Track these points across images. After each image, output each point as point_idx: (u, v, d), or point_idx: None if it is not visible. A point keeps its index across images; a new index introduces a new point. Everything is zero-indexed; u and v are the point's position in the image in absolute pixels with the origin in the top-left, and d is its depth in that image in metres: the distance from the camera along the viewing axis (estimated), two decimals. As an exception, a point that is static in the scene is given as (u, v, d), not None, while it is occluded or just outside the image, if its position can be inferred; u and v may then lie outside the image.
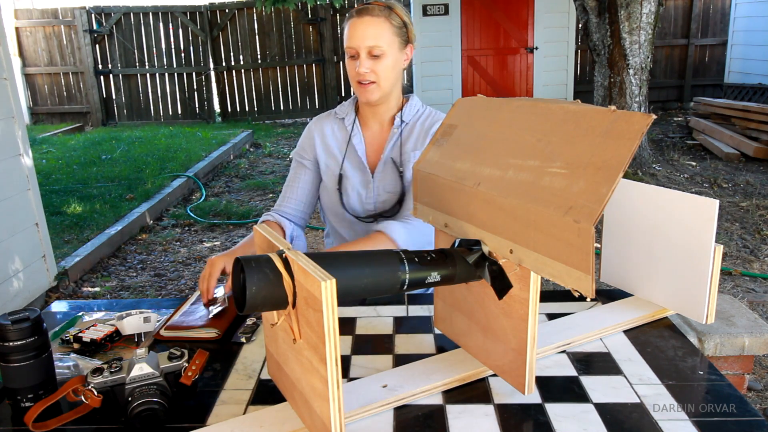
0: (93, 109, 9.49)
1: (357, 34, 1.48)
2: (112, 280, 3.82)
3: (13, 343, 0.97)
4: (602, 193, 0.79)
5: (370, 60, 1.49)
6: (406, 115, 1.60)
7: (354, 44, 1.48)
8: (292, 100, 9.71)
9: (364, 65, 1.48)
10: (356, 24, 1.48)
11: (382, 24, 1.48)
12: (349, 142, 1.62)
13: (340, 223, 1.67)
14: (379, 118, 1.63)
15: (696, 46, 9.23)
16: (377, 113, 1.62)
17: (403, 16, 1.52)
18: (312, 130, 1.68)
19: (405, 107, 1.61)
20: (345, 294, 0.87)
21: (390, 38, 1.49)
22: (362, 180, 1.62)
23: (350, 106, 1.66)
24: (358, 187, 1.62)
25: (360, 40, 1.47)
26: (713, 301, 1.15)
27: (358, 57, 1.49)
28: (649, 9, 5.32)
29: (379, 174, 1.60)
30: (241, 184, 6.07)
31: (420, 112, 1.63)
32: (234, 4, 9.27)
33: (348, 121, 1.64)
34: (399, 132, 1.60)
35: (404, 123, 1.60)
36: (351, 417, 0.96)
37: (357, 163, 1.62)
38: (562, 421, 0.95)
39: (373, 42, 1.47)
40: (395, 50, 1.51)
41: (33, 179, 3.35)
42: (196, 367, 1.02)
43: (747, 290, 3.29)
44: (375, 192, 1.61)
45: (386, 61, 1.50)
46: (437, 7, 8.13)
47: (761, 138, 6.05)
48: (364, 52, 1.48)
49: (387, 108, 1.61)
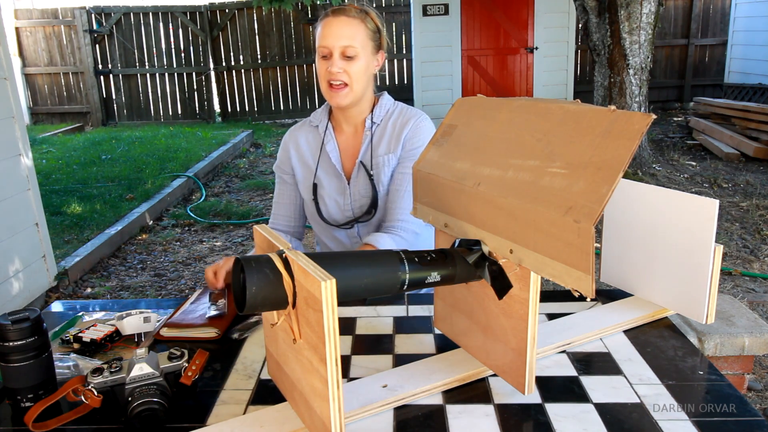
0: (93, 109, 9.49)
1: (332, 33, 1.45)
2: (112, 280, 3.82)
3: (13, 343, 0.97)
4: (602, 193, 0.79)
5: (343, 60, 1.46)
6: (377, 116, 1.58)
7: (328, 43, 1.45)
8: (292, 100, 9.71)
9: (336, 65, 1.45)
10: (331, 23, 1.46)
11: (357, 26, 1.46)
12: (322, 150, 1.60)
13: (322, 232, 1.67)
14: (352, 122, 1.60)
15: (696, 46, 9.22)
16: (349, 117, 1.59)
17: (377, 22, 1.51)
18: (287, 143, 1.66)
19: (375, 108, 1.58)
20: (345, 294, 0.87)
21: (364, 41, 1.47)
22: (338, 187, 1.59)
23: (323, 112, 1.63)
24: (335, 195, 1.60)
25: (335, 39, 1.45)
26: (713, 301, 1.15)
27: (330, 57, 1.46)
28: (649, 9, 5.31)
29: (354, 179, 1.58)
30: (241, 184, 6.07)
31: (390, 111, 1.59)
32: (234, 4, 9.26)
33: (321, 128, 1.61)
34: (370, 135, 1.58)
35: (375, 124, 1.58)
36: (351, 417, 0.96)
37: (331, 171, 1.60)
38: (562, 421, 0.95)
39: (348, 42, 1.45)
40: (368, 54, 1.49)
41: (33, 179, 3.35)
42: (196, 367, 1.02)
43: (747, 290, 3.29)
44: (351, 198, 1.58)
45: (359, 63, 1.47)
46: (437, 7, 8.12)
47: (761, 138, 6.05)
48: (337, 51, 1.46)
49: (359, 111, 1.58)
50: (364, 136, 1.58)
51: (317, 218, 1.63)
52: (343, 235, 1.63)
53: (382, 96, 1.62)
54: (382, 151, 1.56)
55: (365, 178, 1.57)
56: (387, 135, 1.57)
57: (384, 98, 1.61)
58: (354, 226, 1.61)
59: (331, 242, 1.67)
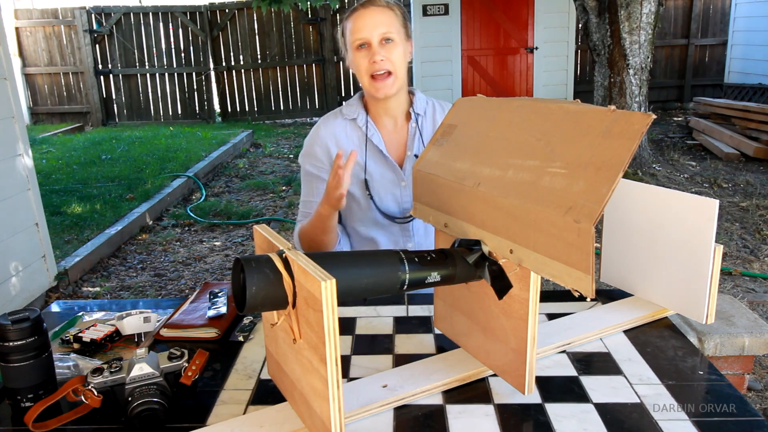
0: (93, 109, 9.48)
1: (367, 23, 1.44)
2: (112, 280, 3.82)
3: (13, 343, 0.97)
4: (602, 193, 0.79)
5: (384, 47, 1.45)
6: (419, 108, 1.57)
7: (365, 34, 1.44)
8: (292, 100, 9.71)
9: (379, 53, 1.44)
10: (364, 14, 1.45)
11: (389, 13, 1.47)
12: (368, 143, 1.55)
13: (373, 228, 1.58)
14: (392, 113, 1.57)
15: (696, 46, 9.22)
16: (389, 109, 1.56)
17: (403, 12, 1.51)
18: (323, 137, 1.56)
19: (414, 101, 1.58)
20: (345, 294, 0.87)
21: (398, 27, 1.47)
22: (394, 179, 1.56)
23: (358, 104, 1.58)
24: (391, 188, 1.56)
25: (372, 28, 1.44)
26: (713, 301, 1.15)
27: (369, 48, 1.45)
28: (649, 9, 5.31)
29: (410, 170, 1.54)
30: (241, 184, 6.07)
31: (429, 104, 1.60)
32: (234, 4, 9.26)
33: (361, 121, 1.56)
34: (417, 126, 1.56)
35: (419, 115, 1.57)
36: (351, 417, 0.96)
37: (383, 163, 1.55)
38: (562, 421, 0.95)
39: (386, 28, 1.45)
40: (403, 40, 1.48)
41: (33, 179, 3.35)
42: (196, 367, 1.02)
43: (747, 290, 3.29)
44: (410, 189, 1.54)
45: (399, 49, 1.47)
46: (437, 7, 8.12)
47: (761, 138, 6.05)
48: (376, 40, 1.44)
49: (398, 102, 1.55)
50: (410, 128, 1.56)
51: (370, 213, 1.56)
52: (397, 230, 1.58)
53: (416, 91, 1.60)
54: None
55: None
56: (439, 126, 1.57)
57: (418, 92, 1.60)
58: (412, 220, 1.57)
59: (383, 238, 1.58)
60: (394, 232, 1.59)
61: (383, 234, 1.59)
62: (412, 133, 1.56)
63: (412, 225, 1.58)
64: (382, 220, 1.56)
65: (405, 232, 1.59)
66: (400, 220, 1.57)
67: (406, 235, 1.59)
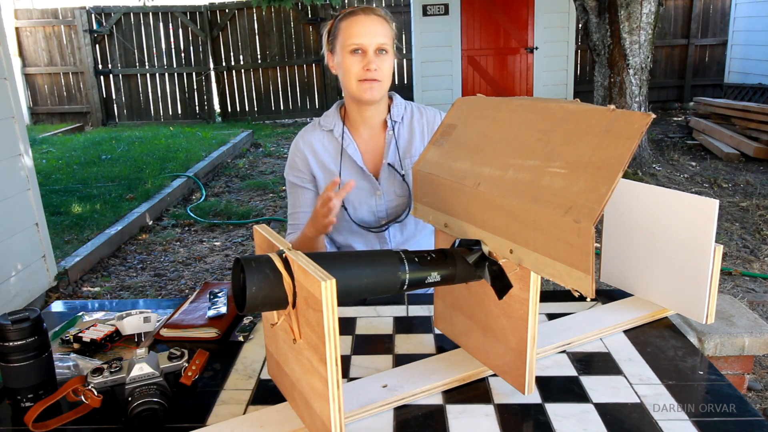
0: (93, 109, 9.49)
1: (367, 30, 1.46)
2: (112, 280, 3.82)
3: (13, 343, 0.97)
4: (602, 193, 0.79)
5: (378, 57, 1.47)
6: (396, 115, 1.58)
7: (363, 41, 1.46)
8: (292, 100, 9.71)
9: (374, 62, 1.46)
10: (365, 21, 1.47)
11: (387, 25, 1.50)
12: (343, 153, 1.57)
13: (349, 237, 1.61)
14: (369, 123, 1.58)
15: (696, 46, 9.22)
16: (367, 117, 1.57)
17: (395, 27, 1.55)
18: (302, 149, 1.60)
19: (392, 108, 1.59)
20: (345, 294, 0.87)
21: (391, 40, 1.51)
22: (369, 189, 1.57)
23: (335, 115, 1.60)
24: (366, 198, 1.57)
25: (371, 36, 1.46)
26: (713, 301, 1.15)
27: (364, 54, 1.47)
28: (649, 9, 5.31)
29: (386, 180, 1.56)
30: (241, 184, 6.07)
31: (408, 110, 1.61)
32: (234, 4, 9.26)
33: (337, 132, 1.58)
34: (394, 134, 1.57)
35: (396, 123, 1.58)
36: (351, 417, 0.96)
37: (358, 173, 1.57)
38: (562, 421, 0.95)
39: (383, 39, 1.47)
40: (393, 53, 1.52)
41: (33, 179, 3.35)
42: (196, 367, 1.02)
43: (747, 290, 3.29)
44: (385, 198, 1.57)
45: (390, 61, 1.50)
46: (437, 7, 8.12)
47: (761, 138, 6.05)
48: (372, 48, 1.46)
49: (378, 111, 1.57)
50: (387, 137, 1.58)
51: (347, 224, 1.58)
52: (373, 237, 1.60)
53: (394, 96, 1.62)
54: (416, 150, 1.56)
55: (397, 178, 1.56)
56: (417, 133, 1.58)
57: (396, 98, 1.61)
58: (387, 229, 1.59)
59: (360, 246, 1.62)
60: (370, 239, 1.61)
61: (360, 242, 1.62)
62: (388, 141, 1.58)
63: (388, 233, 1.60)
64: (357, 229, 1.59)
65: (381, 240, 1.61)
66: (375, 230, 1.59)
67: (383, 243, 1.61)
